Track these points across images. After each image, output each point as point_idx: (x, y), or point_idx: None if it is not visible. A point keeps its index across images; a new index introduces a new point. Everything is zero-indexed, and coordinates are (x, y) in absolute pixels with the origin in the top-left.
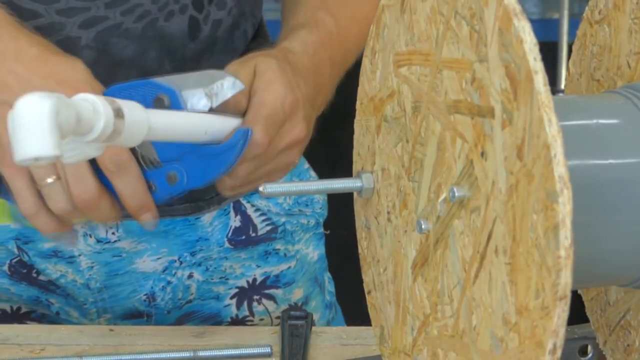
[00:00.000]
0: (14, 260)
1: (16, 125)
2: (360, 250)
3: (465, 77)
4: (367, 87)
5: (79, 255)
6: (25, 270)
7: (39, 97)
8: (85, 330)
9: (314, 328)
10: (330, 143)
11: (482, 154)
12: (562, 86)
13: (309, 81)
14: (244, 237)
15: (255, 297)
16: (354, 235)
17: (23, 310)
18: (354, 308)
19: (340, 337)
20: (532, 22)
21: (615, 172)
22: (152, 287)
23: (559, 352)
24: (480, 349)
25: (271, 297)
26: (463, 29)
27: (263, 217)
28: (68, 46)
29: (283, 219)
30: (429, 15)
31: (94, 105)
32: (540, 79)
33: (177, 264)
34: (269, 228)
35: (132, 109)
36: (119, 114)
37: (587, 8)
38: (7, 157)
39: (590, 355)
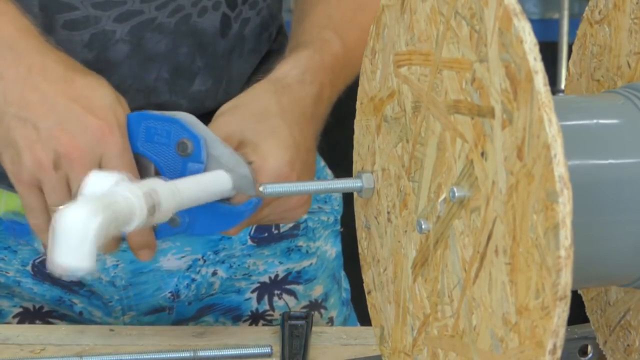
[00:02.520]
0: (38, 260)
1: (59, 232)
2: (360, 250)
3: (465, 77)
4: (367, 87)
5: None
6: (48, 270)
7: (88, 213)
8: (85, 330)
9: (314, 328)
10: (330, 143)
11: (482, 154)
12: (562, 86)
13: (305, 117)
14: (266, 234)
15: (277, 292)
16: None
17: (45, 309)
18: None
19: (340, 337)
20: (532, 22)
21: (615, 172)
22: (176, 285)
23: (559, 352)
24: (480, 349)
25: (292, 293)
26: (463, 29)
27: None
28: (102, 39)
29: (305, 216)
30: (429, 15)
31: (131, 208)
32: (540, 79)
33: (200, 262)
34: (291, 225)
35: (167, 198)
36: (152, 211)
37: (587, 8)
38: (22, 174)
39: (590, 355)
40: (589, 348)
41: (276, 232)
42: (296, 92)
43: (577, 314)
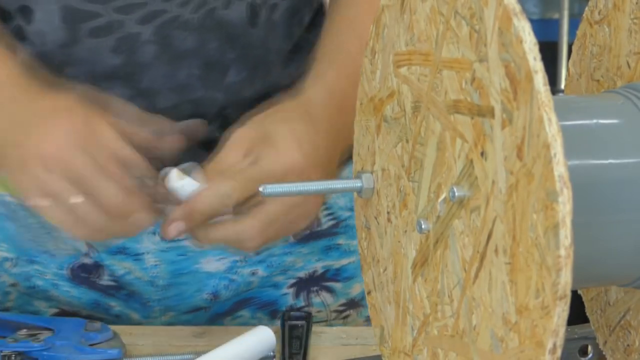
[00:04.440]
0: (76, 265)
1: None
2: (360, 251)
3: (465, 77)
4: (367, 88)
5: (145, 253)
6: (85, 274)
7: None
8: None
9: (314, 328)
10: None
11: (482, 153)
12: (562, 86)
13: (330, 131)
14: (308, 231)
15: (314, 288)
16: None
17: (82, 313)
18: None
19: (340, 337)
20: (532, 22)
21: (614, 171)
22: (215, 286)
23: (559, 352)
24: (480, 349)
25: (330, 290)
26: (463, 28)
27: (327, 212)
28: (129, 43)
29: (347, 214)
30: (429, 15)
31: None
32: (540, 78)
33: (240, 263)
34: (332, 223)
35: None
36: None
37: (586, 8)
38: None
39: (590, 355)
40: (589, 348)
41: (317, 229)
42: (322, 110)
43: (577, 314)
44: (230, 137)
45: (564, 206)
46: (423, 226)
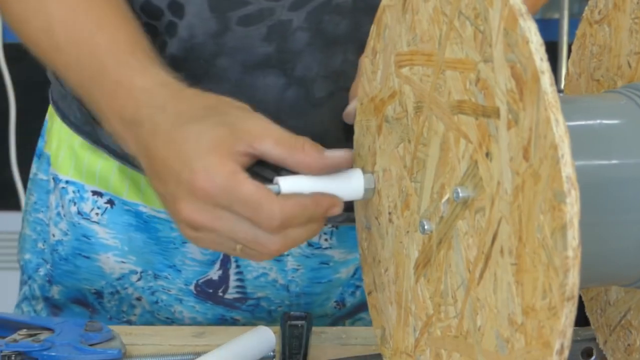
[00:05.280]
0: (202, 280)
1: None
2: (360, 252)
3: (469, 78)
4: (367, 88)
5: (287, 254)
6: (211, 290)
7: None
8: None
9: (314, 328)
10: None
11: (487, 154)
12: (562, 86)
13: None
14: None
15: None
16: None
17: None
18: None
19: (340, 337)
20: None
21: (619, 171)
22: (341, 293)
23: (566, 353)
24: (485, 350)
25: None
26: (467, 29)
27: None
28: (280, 30)
29: None
30: (432, 15)
31: None
32: (546, 79)
33: None
34: None
35: None
36: None
37: (586, 8)
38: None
39: (594, 357)
40: (594, 351)
41: None
42: None
43: (579, 315)
44: None
45: (572, 207)
46: (426, 227)
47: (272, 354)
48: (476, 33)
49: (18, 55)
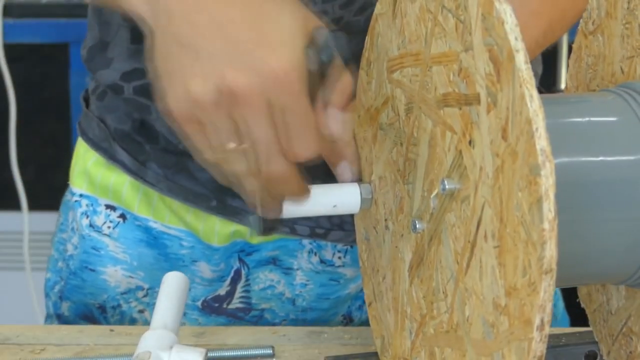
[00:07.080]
0: (210, 297)
1: None
2: (360, 264)
3: (452, 69)
4: (363, 99)
5: (297, 269)
6: (217, 304)
7: None
8: (85, 330)
9: (314, 328)
10: None
11: (470, 142)
12: (562, 86)
13: None
14: None
15: None
16: None
17: None
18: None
19: (340, 337)
20: None
21: (606, 169)
22: (349, 308)
23: (547, 328)
24: (473, 339)
25: None
26: (449, 21)
27: None
28: None
29: None
30: (418, 14)
31: None
32: (521, 57)
33: None
34: None
35: None
36: None
37: (581, 20)
38: (177, 110)
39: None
40: (599, 356)
41: None
42: None
43: (580, 317)
44: None
45: (547, 179)
46: (417, 226)
47: (271, 352)
48: (457, 24)
49: (18, 55)
